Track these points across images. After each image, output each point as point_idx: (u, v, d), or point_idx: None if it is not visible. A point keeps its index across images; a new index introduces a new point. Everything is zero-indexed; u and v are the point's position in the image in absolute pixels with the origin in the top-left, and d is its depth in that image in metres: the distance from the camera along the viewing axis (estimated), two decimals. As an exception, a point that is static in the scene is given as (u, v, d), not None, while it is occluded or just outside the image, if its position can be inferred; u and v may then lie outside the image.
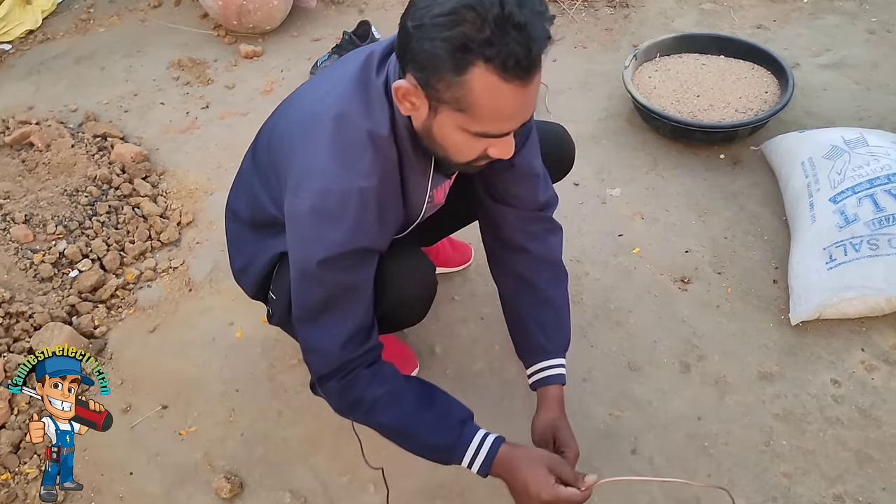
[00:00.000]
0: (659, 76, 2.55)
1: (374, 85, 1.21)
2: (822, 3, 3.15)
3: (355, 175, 1.19)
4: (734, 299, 1.98)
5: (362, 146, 1.20)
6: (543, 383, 1.50)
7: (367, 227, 1.22)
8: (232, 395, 1.84)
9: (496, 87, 1.03)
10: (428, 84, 1.07)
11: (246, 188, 1.50)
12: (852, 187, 1.96)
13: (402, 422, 1.32)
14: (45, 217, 2.16)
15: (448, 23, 0.99)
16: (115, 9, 3.40)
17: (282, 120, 1.38)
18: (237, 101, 2.80)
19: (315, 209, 1.19)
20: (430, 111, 1.12)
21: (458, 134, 1.13)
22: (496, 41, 0.99)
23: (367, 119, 1.20)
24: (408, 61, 1.08)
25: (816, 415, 1.72)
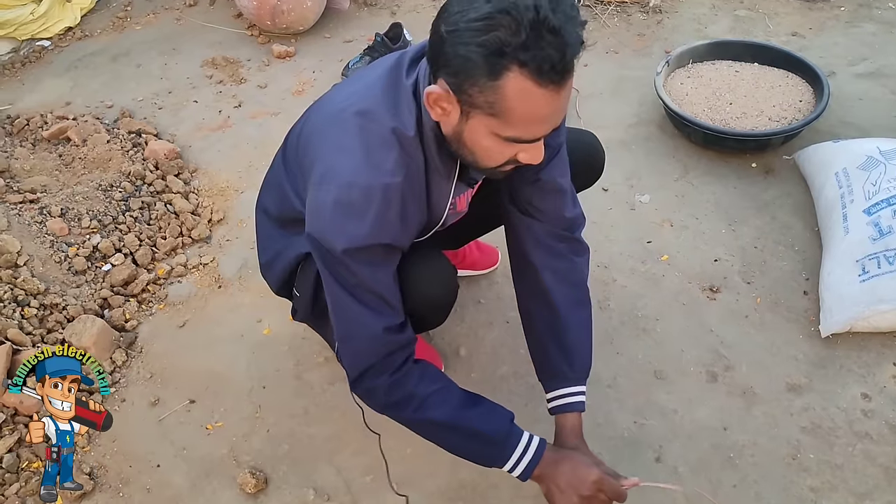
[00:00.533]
0: (691, 83, 2.53)
1: (403, 86, 1.22)
2: (860, 12, 3.11)
3: (380, 171, 1.19)
4: (763, 309, 1.96)
5: (388, 143, 1.20)
6: (562, 410, 1.49)
7: (390, 224, 1.22)
8: (259, 391, 1.86)
9: (530, 92, 1.03)
10: (461, 89, 1.07)
11: (276, 186, 1.51)
12: (887, 199, 1.93)
13: (454, 417, 1.33)
14: (80, 211, 2.20)
15: (483, 27, 0.99)
16: (151, 7, 3.45)
17: (311, 119, 1.39)
18: (269, 101, 2.83)
19: (339, 202, 1.19)
20: (461, 116, 1.12)
21: (489, 139, 1.13)
22: (531, 45, 0.99)
23: (394, 118, 1.21)
24: (440, 66, 1.08)
25: (845, 429, 1.69)
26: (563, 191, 1.49)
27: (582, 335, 1.52)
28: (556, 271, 1.50)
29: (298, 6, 3.01)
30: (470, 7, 1.01)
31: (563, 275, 1.51)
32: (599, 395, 1.79)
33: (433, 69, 1.11)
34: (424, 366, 1.35)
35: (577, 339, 1.51)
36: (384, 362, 1.30)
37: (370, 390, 1.33)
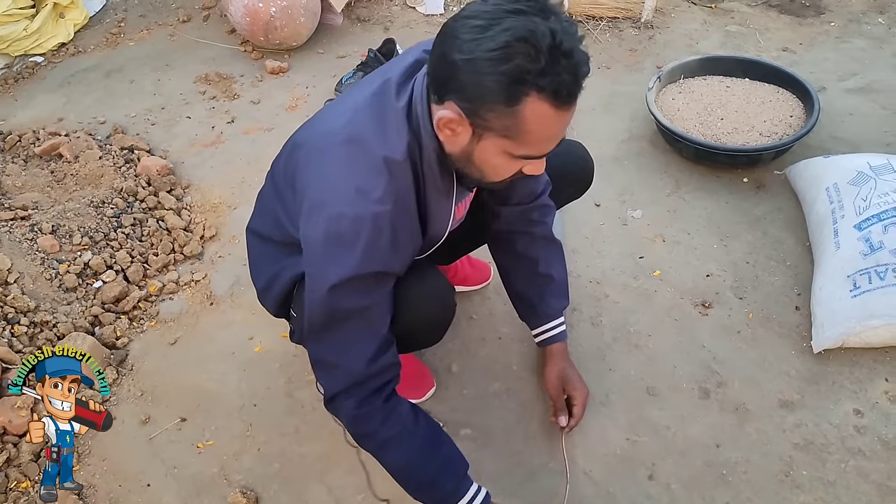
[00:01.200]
0: (683, 98, 2.55)
1: (393, 109, 1.22)
2: (850, 27, 3.13)
3: (369, 200, 1.19)
4: (755, 325, 1.96)
5: (377, 171, 1.20)
6: (550, 342, 1.74)
7: (381, 251, 1.23)
8: (250, 409, 1.85)
9: (546, 114, 1.07)
10: (476, 114, 1.09)
11: (268, 210, 1.51)
12: (878, 214, 1.93)
13: (408, 465, 1.39)
14: (72, 228, 2.19)
15: (503, 56, 1.02)
16: (145, 23, 3.46)
17: (300, 142, 1.39)
18: (262, 117, 2.83)
19: (329, 234, 1.20)
20: (472, 137, 1.14)
21: (501, 157, 1.16)
22: (549, 71, 1.03)
23: (383, 144, 1.21)
24: (451, 91, 1.10)
25: (838, 445, 1.69)
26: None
27: (558, 276, 1.71)
28: (533, 234, 1.67)
29: (292, 22, 3.02)
30: (484, 36, 1.03)
31: (539, 235, 1.68)
32: (592, 412, 1.78)
33: (440, 93, 1.13)
34: (394, 404, 1.35)
35: (556, 285, 1.71)
36: (358, 388, 1.31)
37: (339, 411, 1.35)
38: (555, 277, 1.70)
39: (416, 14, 3.41)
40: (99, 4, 3.54)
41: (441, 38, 1.09)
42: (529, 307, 1.74)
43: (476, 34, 1.03)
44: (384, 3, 3.46)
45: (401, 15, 3.41)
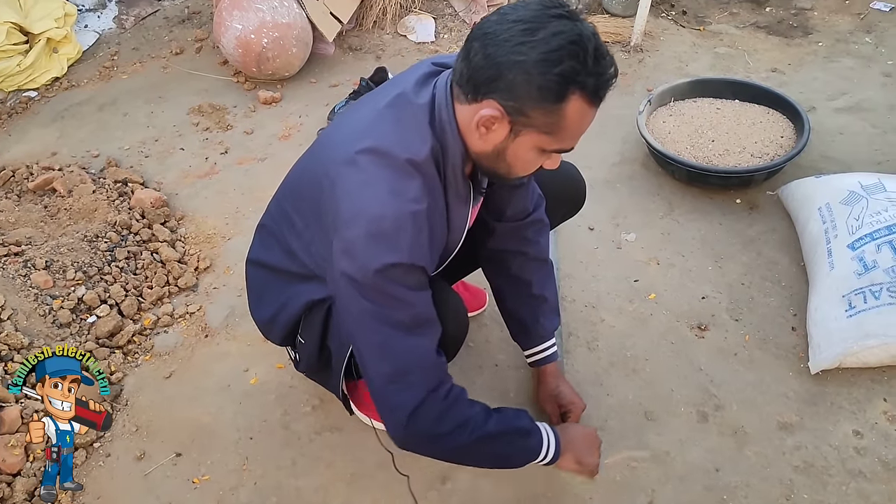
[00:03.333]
0: (673, 121, 2.56)
1: (413, 113, 1.25)
2: (837, 47, 3.16)
3: (407, 199, 1.22)
4: (752, 347, 1.96)
5: (406, 173, 1.23)
6: (542, 363, 1.77)
7: (422, 249, 1.25)
8: (246, 442, 1.83)
9: (584, 111, 1.15)
10: (521, 112, 1.15)
11: (275, 238, 1.51)
12: (871, 233, 1.94)
13: (501, 425, 1.40)
14: (65, 263, 2.19)
15: (557, 59, 1.09)
16: (138, 56, 3.48)
17: (312, 164, 1.40)
18: (255, 147, 2.84)
19: (371, 234, 1.20)
20: (509, 135, 1.19)
21: (532, 152, 1.22)
22: (593, 72, 1.11)
23: (405, 148, 1.23)
24: (494, 90, 1.14)
25: (838, 467, 1.68)
26: (524, 185, 1.62)
27: (550, 297, 1.74)
28: (527, 254, 1.69)
29: (284, 52, 3.04)
30: (535, 38, 1.09)
31: (533, 256, 1.70)
32: (590, 439, 1.77)
33: (478, 92, 1.16)
34: (460, 388, 1.38)
35: (547, 302, 1.73)
36: (437, 391, 1.31)
37: (426, 418, 1.31)
38: (548, 298, 1.73)
39: (408, 42, 3.44)
40: (92, 38, 3.56)
41: (481, 41, 1.14)
42: (523, 328, 1.76)
43: (526, 37, 1.10)
44: (375, 32, 3.49)
45: (392, 43, 3.43)
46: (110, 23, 3.70)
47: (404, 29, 3.47)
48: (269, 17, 2.98)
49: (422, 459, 1.69)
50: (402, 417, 1.30)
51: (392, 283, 1.22)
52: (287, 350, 1.70)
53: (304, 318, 1.52)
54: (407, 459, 1.68)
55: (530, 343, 1.77)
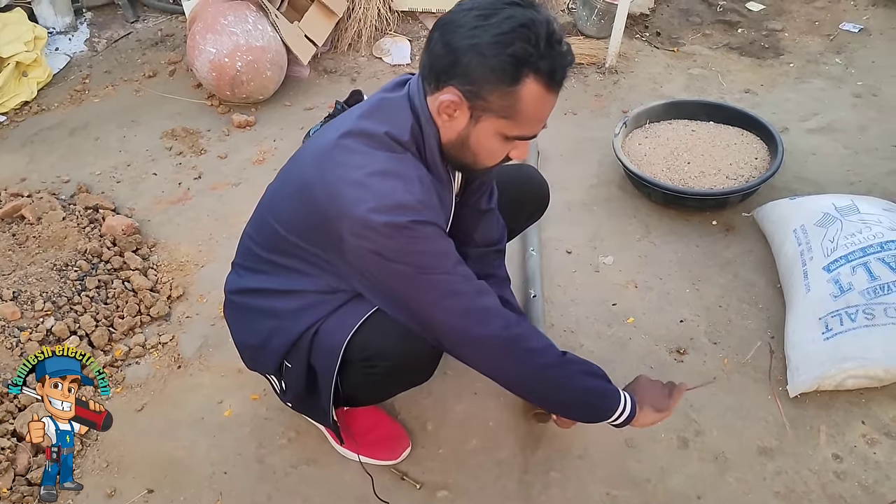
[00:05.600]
0: (649, 143, 2.57)
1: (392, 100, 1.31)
2: (808, 68, 3.20)
3: (408, 167, 1.27)
4: (731, 370, 1.96)
5: (397, 148, 1.27)
6: None
7: (435, 209, 1.30)
8: (220, 477, 1.79)
9: (541, 95, 1.19)
10: (479, 95, 1.19)
11: (261, 264, 1.48)
12: (846, 255, 1.95)
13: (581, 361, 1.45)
14: (34, 293, 2.14)
15: (508, 41, 1.14)
16: (110, 79, 3.43)
17: (296, 169, 1.42)
18: (229, 172, 2.81)
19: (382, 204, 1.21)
20: (470, 121, 1.24)
21: (495, 139, 1.26)
22: (546, 55, 1.16)
23: (389, 127, 1.28)
24: (452, 76, 1.20)
25: (819, 492, 1.68)
26: (491, 209, 1.68)
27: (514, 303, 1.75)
28: (494, 275, 1.72)
29: (258, 76, 3.02)
30: (488, 23, 1.15)
31: (499, 277, 1.75)
32: (570, 467, 1.76)
33: (440, 80, 1.22)
34: None
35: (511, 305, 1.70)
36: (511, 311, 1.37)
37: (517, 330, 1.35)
38: (511, 302, 1.75)
39: (383, 64, 3.43)
40: (63, 61, 3.52)
41: (441, 29, 1.20)
42: None
43: (479, 21, 1.16)
44: (351, 55, 3.48)
45: (367, 66, 3.42)
46: (82, 45, 3.66)
47: (379, 51, 3.47)
48: (243, 41, 2.95)
49: (402, 486, 1.67)
50: (499, 327, 1.33)
51: (418, 240, 1.24)
52: (270, 380, 1.64)
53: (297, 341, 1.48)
54: (387, 485, 1.66)
55: None
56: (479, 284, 1.33)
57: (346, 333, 1.42)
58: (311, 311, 1.45)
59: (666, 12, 3.65)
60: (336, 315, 1.44)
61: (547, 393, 1.44)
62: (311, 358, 1.48)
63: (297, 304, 1.45)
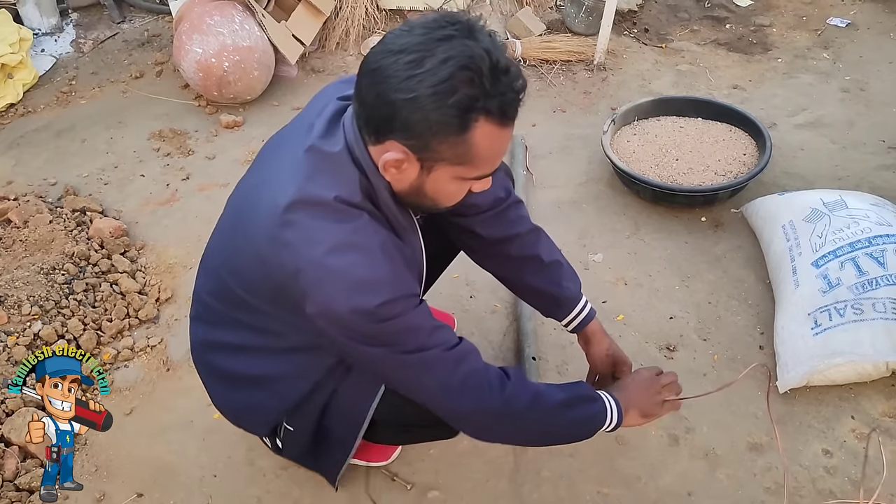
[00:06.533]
0: (638, 140, 2.57)
1: (332, 157, 1.16)
2: (796, 63, 3.20)
3: (365, 235, 1.15)
4: (721, 367, 1.96)
5: (350, 213, 1.15)
6: (585, 324, 1.63)
7: (403, 276, 1.19)
8: (210, 480, 1.78)
9: (495, 134, 1.09)
10: (426, 148, 1.08)
11: (226, 320, 1.37)
12: (834, 251, 1.95)
13: (566, 393, 1.36)
14: (21, 297, 2.12)
15: (449, 89, 1.01)
16: (96, 80, 3.41)
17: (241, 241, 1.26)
18: (217, 173, 2.79)
19: (346, 286, 1.11)
20: (421, 171, 1.13)
21: (453, 183, 1.16)
22: (494, 93, 1.04)
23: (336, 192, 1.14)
24: (393, 131, 1.07)
25: (809, 488, 1.68)
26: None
27: (566, 264, 1.63)
28: (520, 234, 1.57)
29: (245, 76, 3.00)
30: (423, 70, 1.01)
31: (525, 232, 1.58)
32: (561, 466, 1.76)
33: (379, 134, 1.09)
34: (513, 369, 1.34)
35: (563, 265, 1.62)
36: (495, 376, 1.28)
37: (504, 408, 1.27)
38: (561, 262, 1.62)
39: (371, 63, 3.41)
40: (49, 63, 3.50)
41: (370, 78, 1.06)
42: (552, 300, 1.63)
43: (412, 69, 1.01)
44: (338, 54, 3.47)
45: (355, 65, 3.40)
46: (68, 47, 3.64)
47: (367, 50, 3.45)
48: (230, 41, 2.94)
49: (392, 487, 1.67)
50: (480, 399, 1.26)
51: (386, 322, 1.14)
52: (262, 438, 1.57)
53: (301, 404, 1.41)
54: (378, 486, 1.66)
55: (565, 311, 1.63)
56: (459, 351, 1.24)
57: (370, 400, 1.37)
58: (308, 372, 1.37)
59: (654, 8, 3.65)
60: (353, 379, 1.38)
61: (538, 440, 1.44)
62: (325, 419, 1.41)
63: (287, 366, 1.36)
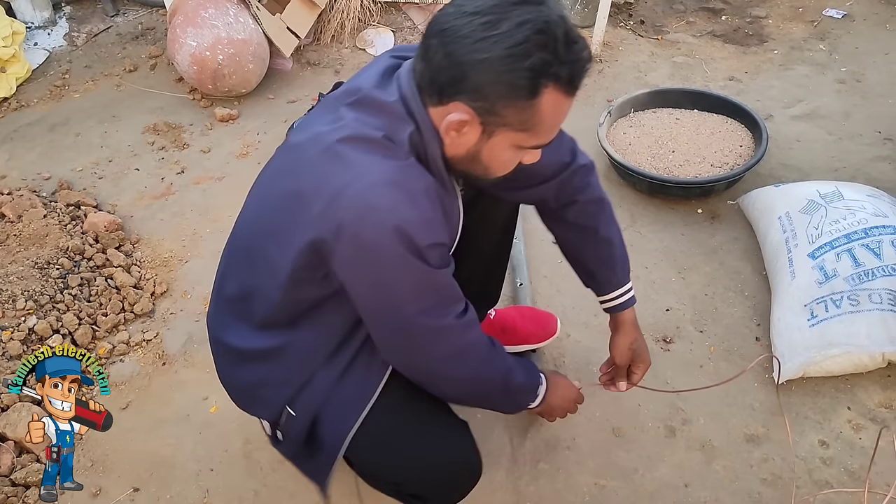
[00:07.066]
0: (634, 132, 2.56)
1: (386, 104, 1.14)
2: (792, 54, 3.20)
3: (412, 179, 1.13)
4: (717, 358, 1.96)
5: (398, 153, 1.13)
6: (618, 309, 1.60)
7: (440, 226, 1.17)
8: (206, 474, 1.78)
9: (560, 102, 1.08)
10: (492, 111, 1.07)
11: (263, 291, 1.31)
12: (830, 242, 1.95)
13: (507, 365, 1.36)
14: (15, 292, 2.11)
15: (524, 52, 1.01)
16: (90, 74, 3.39)
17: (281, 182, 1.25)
18: (212, 166, 2.78)
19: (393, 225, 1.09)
20: (482, 136, 1.12)
21: (510, 151, 1.15)
22: (566, 59, 1.04)
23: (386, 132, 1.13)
24: (460, 92, 1.07)
25: (805, 478, 1.68)
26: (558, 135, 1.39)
27: (620, 245, 1.59)
28: (581, 201, 1.52)
29: (240, 69, 2.99)
30: (498, 32, 1.01)
31: (588, 200, 1.52)
32: (559, 458, 1.76)
33: (443, 95, 1.09)
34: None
35: (618, 249, 1.58)
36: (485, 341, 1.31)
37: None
38: (613, 241, 1.57)
39: (367, 56, 3.40)
40: (42, 57, 3.47)
41: (439, 39, 1.06)
42: (590, 275, 1.61)
43: (487, 31, 1.01)
44: (334, 47, 3.45)
45: (351, 57, 3.40)
46: (61, 40, 3.61)
47: (363, 43, 3.44)
48: (224, 34, 2.92)
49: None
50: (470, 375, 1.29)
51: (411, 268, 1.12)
52: (261, 424, 1.51)
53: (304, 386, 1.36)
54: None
55: (602, 289, 1.61)
56: (469, 319, 1.24)
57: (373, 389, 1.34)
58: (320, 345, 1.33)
59: (650, 0, 3.64)
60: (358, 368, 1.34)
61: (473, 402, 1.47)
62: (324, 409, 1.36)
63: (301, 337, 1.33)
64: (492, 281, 1.88)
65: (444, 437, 1.38)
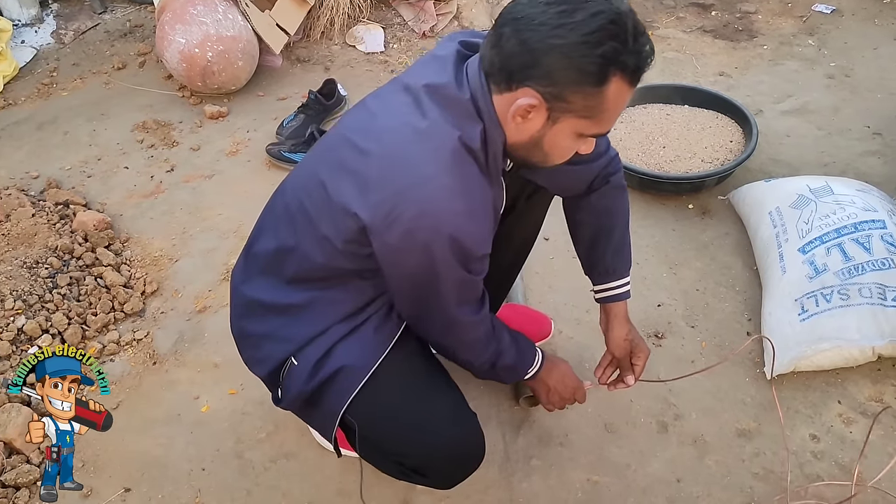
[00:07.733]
0: (625, 128, 2.56)
1: (459, 104, 1.19)
2: (782, 49, 3.21)
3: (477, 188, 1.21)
4: (709, 353, 1.97)
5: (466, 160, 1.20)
6: (615, 300, 1.61)
7: (489, 238, 1.27)
8: (198, 474, 1.77)
9: (624, 92, 1.12)
10: (560, 97, 1.11)
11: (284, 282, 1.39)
12: (820, 237, 1.96)
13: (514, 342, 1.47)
14: (3, 292, 2.10)
15: (598, 40, 1.06)
16: (78, 72, 3.36)
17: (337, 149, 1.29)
18: (202, 164, 2.77)
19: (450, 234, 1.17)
20: (547, 122, 1.15)
21: (571, 138, 1.18)
22: (633, 50, 1.08)
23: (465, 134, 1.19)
24: (530, 77, 1.11)
25: (797, 472, 1.69)
26: None
27: (627, 235, 1.62)
28: (612, 185, 1.56)
29: (229, 66, 2.97)
30: (574, 20, 1.06)
31: (615, 186, 1.57)
32: (551, 454, 1.76)
33: (511, 80, 1.13)
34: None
35: (624, 238, 1.61)
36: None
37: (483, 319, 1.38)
38: (614, 230, 1.60)
39: (357, 53, 3.39)
40: (29, 54, 3.45)
41: (513, 26, 1.10)
42: (601, 260, 1.62)
43: (564, 19, 1.06)
44: (324, 43, 3.44)
45: (341, 54, 3.39)
46: (48, 38, 3.58)
47: (353, 39, 3.43)
48: (214, 31, 2.91)
49: (382, 476, 1.66)
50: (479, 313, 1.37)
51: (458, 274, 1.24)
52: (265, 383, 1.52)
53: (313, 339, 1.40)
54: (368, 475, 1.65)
55: (602, 278, 1.62)
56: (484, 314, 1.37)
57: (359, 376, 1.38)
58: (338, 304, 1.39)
59: (640, -4, 3.64)
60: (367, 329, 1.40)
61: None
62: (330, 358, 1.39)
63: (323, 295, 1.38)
64: (499, 293, 1.94)
65: (451, 408, 1.43)
